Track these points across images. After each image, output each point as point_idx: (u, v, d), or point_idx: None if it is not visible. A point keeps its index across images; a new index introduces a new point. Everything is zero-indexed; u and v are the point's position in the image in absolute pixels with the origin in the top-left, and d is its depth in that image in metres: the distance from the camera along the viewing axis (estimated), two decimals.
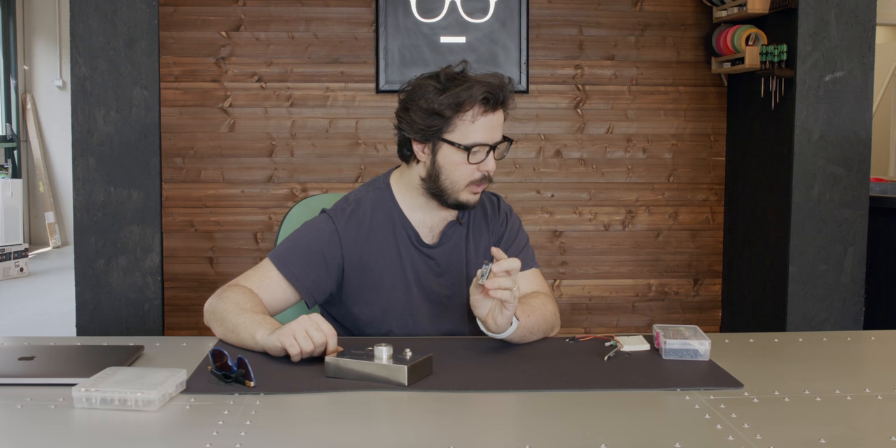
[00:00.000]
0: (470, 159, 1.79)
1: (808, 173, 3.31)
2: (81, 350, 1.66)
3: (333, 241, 1.85)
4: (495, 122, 1.80)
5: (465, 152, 1.78)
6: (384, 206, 1.90)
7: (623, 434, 1.24)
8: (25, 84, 8.36)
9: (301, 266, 1.83)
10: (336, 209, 1.90)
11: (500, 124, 1.82)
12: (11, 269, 6.65)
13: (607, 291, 3.97)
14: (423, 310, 1.90)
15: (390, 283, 1.87)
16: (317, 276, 1.84)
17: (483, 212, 1.97)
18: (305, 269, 1.83)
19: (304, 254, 1.84)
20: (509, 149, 1.87)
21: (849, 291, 3.36)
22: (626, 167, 3.93)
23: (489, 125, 1.79)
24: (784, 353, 1.74)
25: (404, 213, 1.89)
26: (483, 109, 1.78)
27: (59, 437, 1.24)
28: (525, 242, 1.99)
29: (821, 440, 1.20)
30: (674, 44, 3.89)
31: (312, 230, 1.88)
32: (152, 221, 3.21)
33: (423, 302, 1.90)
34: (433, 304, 1.90)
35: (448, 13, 3.76)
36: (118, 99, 3.17)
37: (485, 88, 1.76)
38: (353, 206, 1.90)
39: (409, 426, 1.31)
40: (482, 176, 1.81)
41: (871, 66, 3.32)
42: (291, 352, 1.55)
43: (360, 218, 1.88)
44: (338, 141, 3.82)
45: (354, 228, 1.87)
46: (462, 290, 1.90)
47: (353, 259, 1.86)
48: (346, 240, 1.86)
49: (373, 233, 1.87)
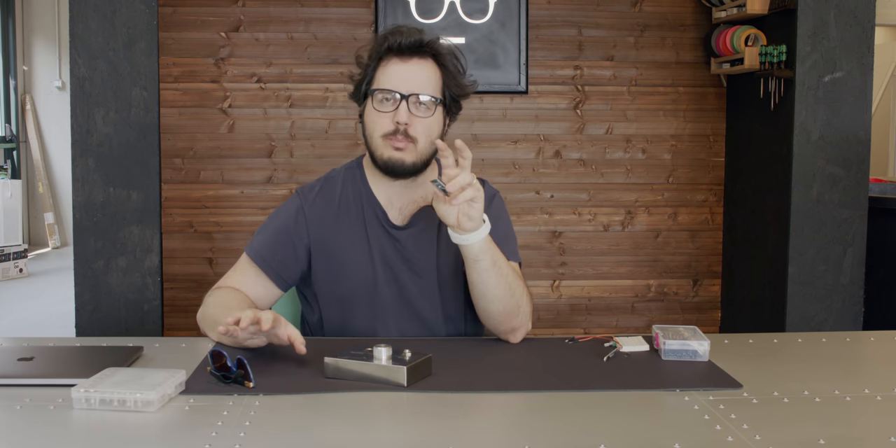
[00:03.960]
0: (375, 105, 1.77)
1: (807, 174, 3.32)
2: (80, 351, 1.66)
3: (300, 218, 1.84)
4: (409, 73, 1.77)
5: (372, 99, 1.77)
6: (353, 184, 1.88)
7: (622, 435, 1.24)
8: (25, 85, 8.36)
9: (268, 247, 1.83)
10: (305, 187, 1.91)
11: (421, 77, 1.77)
12: (11, 269, 6.65)
13: (606, 292, 3.97)
14: (386, 294, 1.84)
15: (355, 264, 1.83)
16: (284, 255, 1.83)
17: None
18: (272, 250, 1.83)
19: (272, 234, 1.85)
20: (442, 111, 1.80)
21: (848, 292, 3.36)
22: (626, 168, 3.93)
23: (401, 74, 1.77)
24: (783, 354, 1.74)
25: (373, 192, 1.87)
26: (393, 57, 1.78)
27: (58, 438, 1.24)
28: (505, 231, 1.89)
29: (820, 441, 1.20)
30: (673, 44, 3.89)
31: (281, 210, 1.89)
32: (152, 222, 3.21)
33: (388, 286, 1.84)
34: (399, 289, 1.84)
35: (447, 14, 3.76)
36: (117, 99, 3.17)
37: (391, 34, 1.77)
38: (322, 183, 1.90)
39: (408, 427, 1.31)
40: (395, 128, 1.75)
41: (871, 67, 3.32)
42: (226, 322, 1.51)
43: (328, 195, 1.87)
44: (337, 142, 3.82)
45: (322, 205, 1.86)
46: (430, 278, 1.85)
47: (319, 236, 1.84)
48: (313, 217, 1.84)
49: (341, 211, 1.86)
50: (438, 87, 1.80)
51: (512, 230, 1.93)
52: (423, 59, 1.79)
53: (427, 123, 1.78)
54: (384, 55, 1.80)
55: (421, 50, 1.78)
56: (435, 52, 1.79)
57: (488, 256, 1.67)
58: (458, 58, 1.83)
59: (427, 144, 1.78)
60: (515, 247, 1.91)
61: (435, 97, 1.78)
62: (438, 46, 1.80)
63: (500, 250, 1.73)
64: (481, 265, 1.68)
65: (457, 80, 1.83)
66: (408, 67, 1.77)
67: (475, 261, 1.68)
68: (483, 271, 1.69)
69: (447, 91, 1.81)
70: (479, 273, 1.69)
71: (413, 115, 1.76)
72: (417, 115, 1.76)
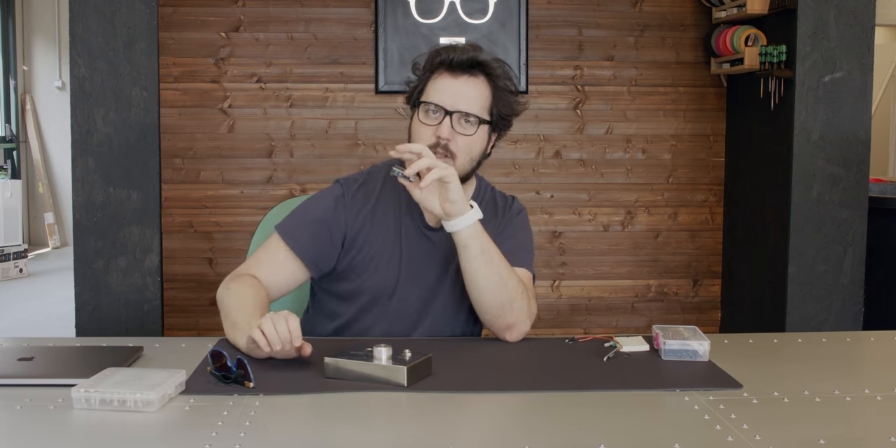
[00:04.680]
0: (421, 117, 1.78)
1: (807, 174, 3.32)
2: (80, 351, 1.66)
3: (339, 208, 1.84)
4: (458, 89, 1.78)
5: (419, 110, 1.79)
6: (394, 182, 1.87)
7: (622, 434, 1.24)
8: (25, 85, 8.36)
9: (307, 235, 1.82)
10: (348, 178, 1.90)
11: (470, 94, 1.78)
12: (11, 269, 6.65)
13: (606, 292, 3.97)
14: (407, 293, 1.85)
15: (384, 260, 1.84)
16: (322, 244, 1.83)
17: (492, 209, 1.93)
18: (308, 235, 1.82)
19: (311, 222, 1.84)
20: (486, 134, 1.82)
21: (848, 292, 3.36)
22: (626, 168, 3.93)
23: (450, 89, 1.77)
24: (783, 354, 1.73)
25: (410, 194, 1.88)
26: (444, 71, 1.79)
27: (58, 438, 1.24)
28: (523, 242, 1.93)
29: (820, 441, 1.20)
30: (673, 44, 3.89)
31: (320, 198, 1.88)
32: (151, 222, 3.21)
33: (410, 286, 1.85)
34: (420, 291, 1.86)
35: (447, 14, 3.76)
36: (117, 99, 3.17)
37: (444, 50, 1.78)
38: (365, 177, 1.90)
39: (408, 427, 1.31)
40: (436, 141, 1.76)
41: (871, 67, 3.32)
42: (260, 343, 1.51)
43: (369, 190, 1.87)
44: (337, 142, 3.82)
45: (361, 199, 1.86)
46: (455, 282, 1.86)
47: (355, 228, 1.84)
48: (352, 209, 1.85)
49: (378, 206, 1.86)
50: (486, 106, 1.81)
51: (530, 244, 1.95)
52: (474, 77, 1.80)
53: (469, 141, 1.79)
54: (436, 68, 1.81)
55: (473, 68, 1.79)
56: (487, 71, 1.80)
57: (478, 243, 1.69)
58: (511, 77, 1.84)
59: (467, 161, 1.80)
60: (529, 258, 1.92)
61: (479, 117, 1.79)
62: (491, 66, 1.80)
63: (495, 244, 1.75)
64: (470, 252, 1.70)
65: (506, 99, 1.83)
66: (457, 83, 1.78)
67: (464, 247, 1.70)
68: (472, 259, 1.70)
69: (495, 110, 1.82)
70: (469, 260, 1.71)
71: (455, 132, 1.77)
72: (460, 131, 1.77)
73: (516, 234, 1.92)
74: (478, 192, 1.94)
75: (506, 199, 1.98)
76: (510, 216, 1.94)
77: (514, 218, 1.94)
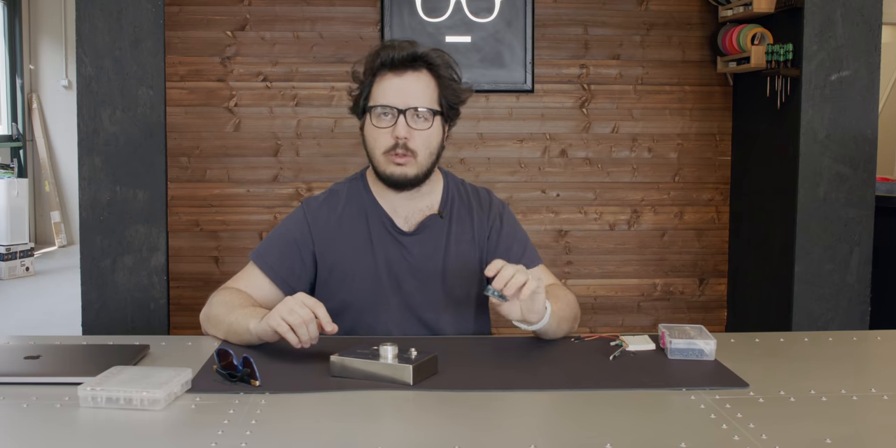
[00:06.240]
0: (373, 121, 1.78)
1: (813, 173, 3.31)
2: (87, 349, 1.66)
3: (304, 228, 1.86)
4: (405, 86, 1.78)
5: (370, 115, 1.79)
6: (357, 194, 1.89)
7: (628, 433, 1.24)
8: (31, 84, 8.38)
9: (275, 256, 1.85)
10: (311, 198, 1.92)
11: (417, 89, 1.78)
12: (17, 268, 6.67)
13: (612, 291, 3.97)
14: (391, 302, 1.85)
15: (360, 272, 1.85)
16: (291, 264, 1.85)
17: (466, 206, 1.92)
18: (280, 259, 1.84)
19: (279, 244, 1.86)
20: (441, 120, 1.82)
21: (854, 291, 3.35)
22: (632, 167, 3.92)
23: (397, 87, 1.78)
24: (790, 353, 1.73)
25: (377, 201, 1.88)
26: (387, 72, 1.79)
27: (65, 436, 1.24)
28: (525, 239, 1.96)
29: (826, 440, 1.20)
30: (679, 43, 3.89)
31: (287, 220, 1.91)
32: (158, 221, 3.22)
33: (393, 294, 1.85)
34: (403, 296, 1.86)
35: (453, 12, 3.76)
36: (124, 98, 3.18)
37: (383, 49, 1.79)
38: (328, 194, 1.92)
39: (414, 425, 1.31)
40: (394, 143, 1.77)
41: (878, 66, 3.31)
42: (280, 331, 1.53)
43: (332, 205, 1.89)
44: (343, 140, 3.82)
45: (325, 215, 1.87)
46: (434, 285, 1.87)
47: (324, 245, 1.86)
48: (317, 226, 1.86)
49: (344, 220, 1.87)
50: (435, 98, 1.81)
51: (526, 236, 1.98)
52: (418, 71, 1.80)
53: (426, 135, 1.80)
54: (378, 70, 1.81)
55: (414, 62, 1.80)
56: (428, 64, 1.81)
57: (553, 321, 1.71)
58: (452, 66, 1.84)
59: (427, 156, 1.81)
60: (535, 251, 1.96)
61: (432, 109, 1.79)
62: (431, 57, 1.81)
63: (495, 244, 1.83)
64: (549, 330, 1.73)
65: (452, 88, 1.84)
66: (403, 81, 1.79)
67: (543, 333, 1.74)
68: (548, 331, 1.73)
69: (443, 100, 1.83)
70: (545, 332, 1.74)
71: (412, 129, 1.78)
72: (416, 128, 1.78)
73: (516, 234, 1.94)
74: (447, 187, 1.93)
75: (480, 193, 1.97)
76: (496, 213, 1.94)
77: (503, 215, 1.94)
